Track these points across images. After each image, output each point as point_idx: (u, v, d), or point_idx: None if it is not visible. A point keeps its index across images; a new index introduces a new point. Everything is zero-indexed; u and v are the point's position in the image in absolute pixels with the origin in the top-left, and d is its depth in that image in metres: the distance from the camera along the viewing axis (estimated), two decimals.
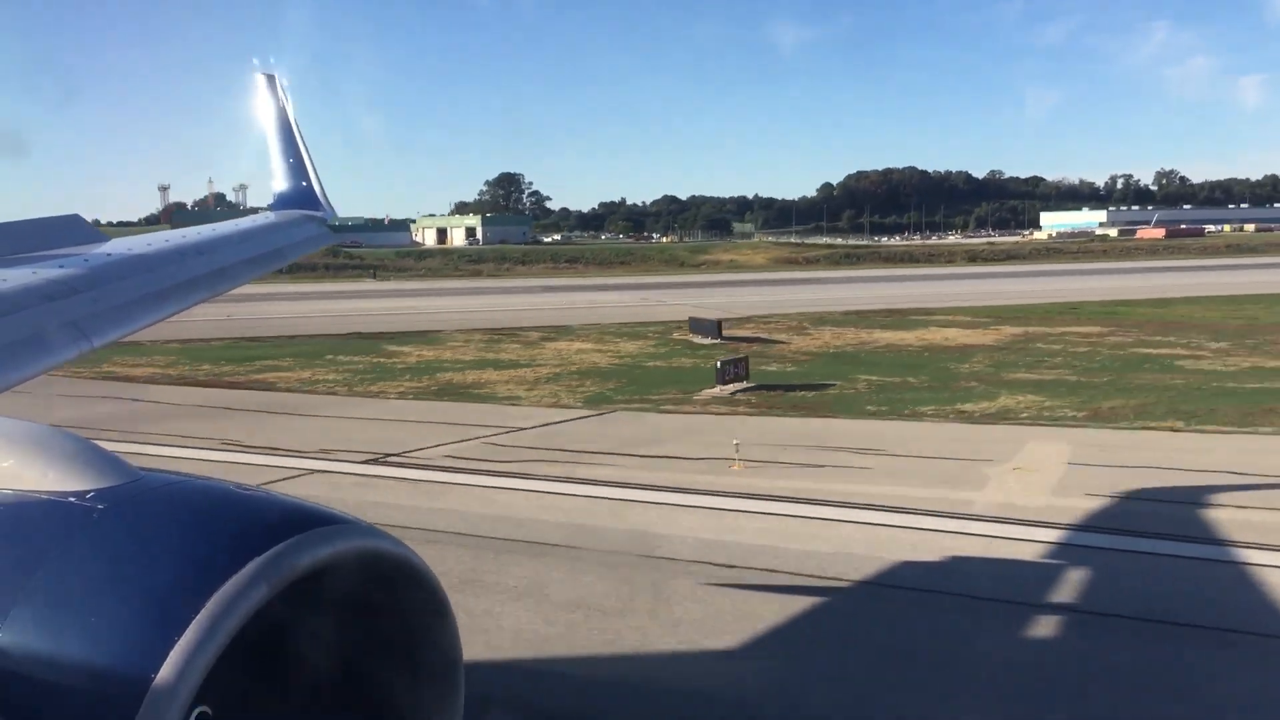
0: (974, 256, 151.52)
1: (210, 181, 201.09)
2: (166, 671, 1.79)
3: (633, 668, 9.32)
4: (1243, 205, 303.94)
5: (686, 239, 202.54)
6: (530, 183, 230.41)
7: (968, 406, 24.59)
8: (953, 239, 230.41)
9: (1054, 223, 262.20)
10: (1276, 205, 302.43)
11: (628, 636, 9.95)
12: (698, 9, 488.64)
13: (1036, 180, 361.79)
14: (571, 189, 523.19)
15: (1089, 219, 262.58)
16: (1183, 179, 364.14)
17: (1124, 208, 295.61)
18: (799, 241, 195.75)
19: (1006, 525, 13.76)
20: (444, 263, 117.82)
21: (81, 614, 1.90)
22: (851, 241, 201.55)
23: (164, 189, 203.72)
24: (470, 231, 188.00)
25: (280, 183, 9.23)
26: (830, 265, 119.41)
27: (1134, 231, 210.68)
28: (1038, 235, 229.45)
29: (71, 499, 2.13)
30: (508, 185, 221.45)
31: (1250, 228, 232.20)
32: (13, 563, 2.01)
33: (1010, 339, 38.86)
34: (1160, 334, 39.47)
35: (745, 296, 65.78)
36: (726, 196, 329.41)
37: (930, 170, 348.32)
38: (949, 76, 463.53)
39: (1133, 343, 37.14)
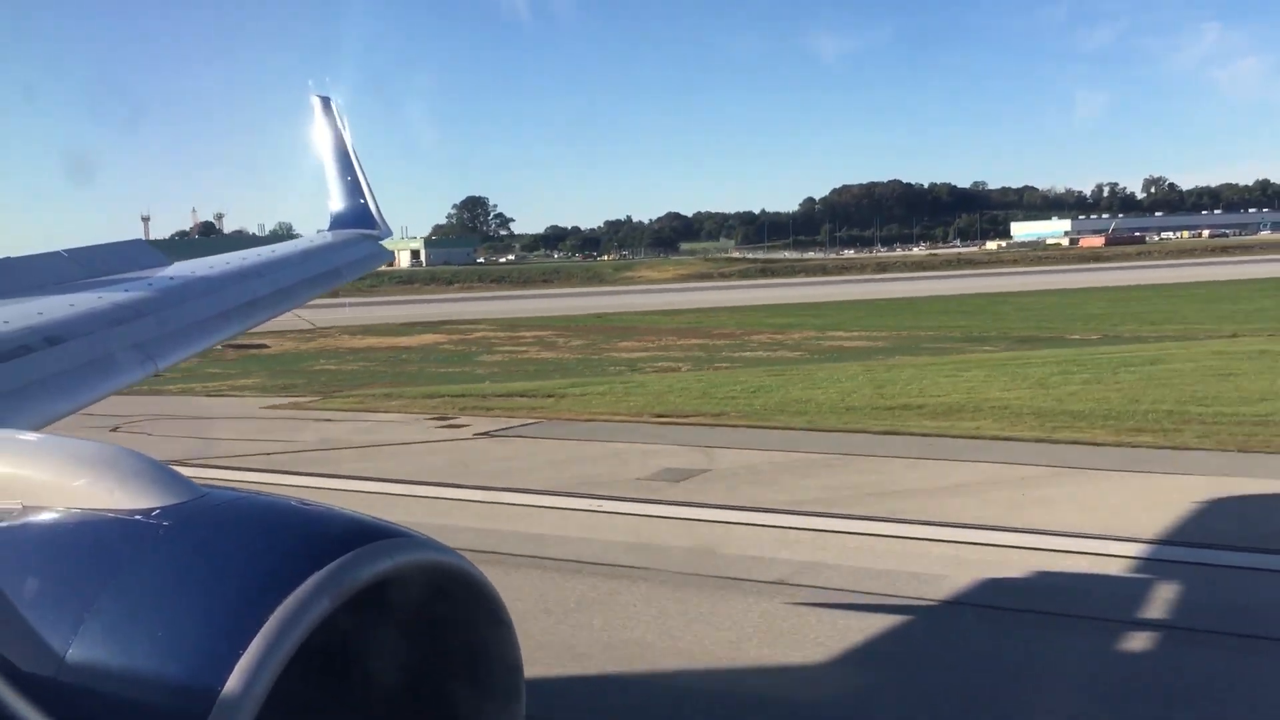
0: (883, 266, 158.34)
1: (194, 211, 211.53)
2: (232, 684, 1.84)
3: None
4: (1216, 211, 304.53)
5: (628, 256, 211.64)
6: (495, 205, 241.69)
7: (196, 385, 32.80)
8: (917, 251, 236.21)
9: (1024, 232, 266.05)
10: (1252, 210, 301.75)
11: None
12: (714, 21, 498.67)
13: (1026, 190, 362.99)
14: (578, 206, 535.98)
15: (1055, 228, 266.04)
16: (1171, 185, 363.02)
17: (1100, 216, 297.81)
18: (737, 256, 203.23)
19: None
20: (366, 284, 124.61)
21: (149, 629, 1.96)
22: (784, 256, 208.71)
23: (145, 219, 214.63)
24: (415, 254, 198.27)
25: (336, 203, 9.33)
26: (740, 278, 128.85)
27: (1083, 239, 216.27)
28: (989, 245, 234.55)
29: (139, 516, 2.19)
30: (474, 208, 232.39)
31: (1206, 233, 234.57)
32: (84, 579, 2.08)
33: (448, 342, 47.28)
34: (579, 338, 47.32)
35: (438, 308, 75.40)
36: (731, 211, 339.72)
37: (913, 182, 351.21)
38: (956, 89, 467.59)
39: (529, 344, 45.07)
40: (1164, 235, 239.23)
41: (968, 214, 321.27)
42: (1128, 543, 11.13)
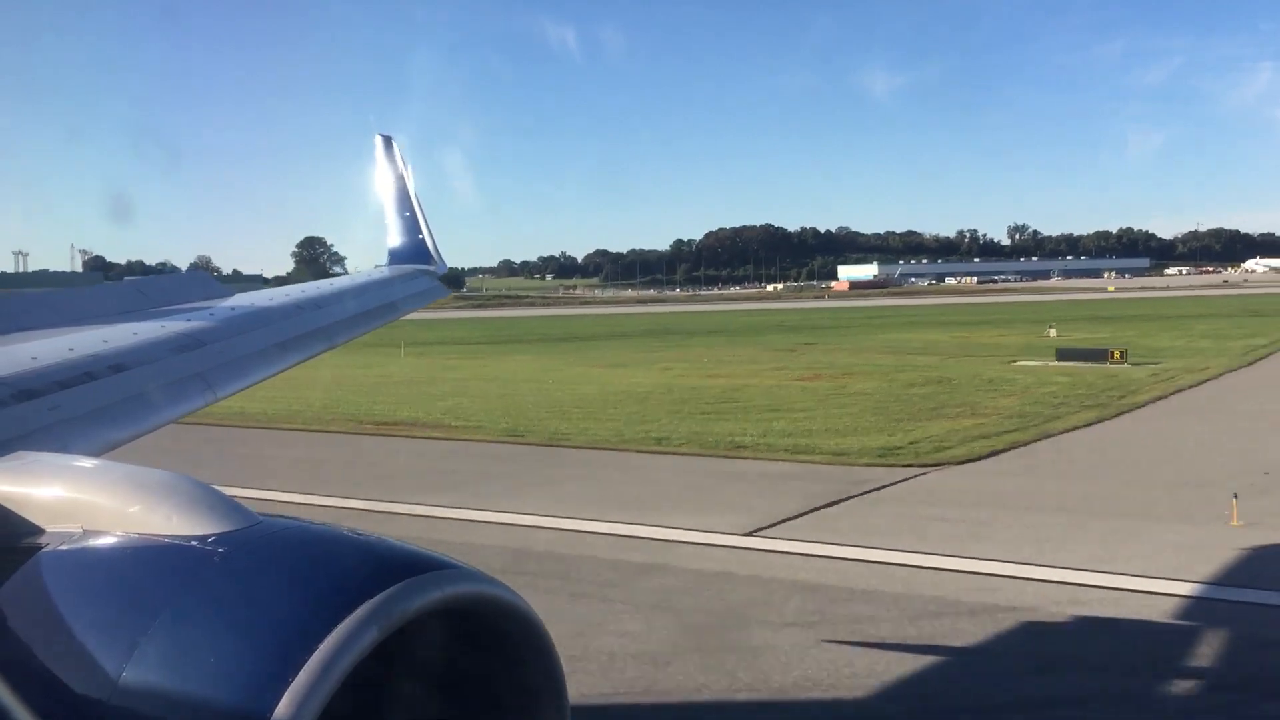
0: (642, 300, 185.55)
1: (72, 246, 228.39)
2: (281, 712, 1.85)
3: None
4: (1033, 259, 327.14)
5: None
6: (332, 244, 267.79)
7: None
8: (734, 289, 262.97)
9: (848, 275, 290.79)
10: (1069, 258, 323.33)
11: None
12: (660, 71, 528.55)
13: (902, 234, 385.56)
14: (520, 240, 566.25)
15: (868, 272, 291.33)
16: (1035, 233, 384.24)
17: (922, 261, 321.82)
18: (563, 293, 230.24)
19: None
20: None
21: (202, 654, 1.98)
22: (595, 293, 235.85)
23: (21, 254, 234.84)
24: None
25: (394, 238, 9.44)
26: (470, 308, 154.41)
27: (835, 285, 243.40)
28: (769, 287, 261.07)
29: (195, 543, 2.22)
30: (313, 247, 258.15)
31: (974, 280, 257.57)
32: (140, 603, 2.11)
33: None
34: None
35: None
36: (662, 249, 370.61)
37: (781, 226, 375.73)
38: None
39: None
40: (948, 280, 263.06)
41: (824, 256, 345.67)
42: None
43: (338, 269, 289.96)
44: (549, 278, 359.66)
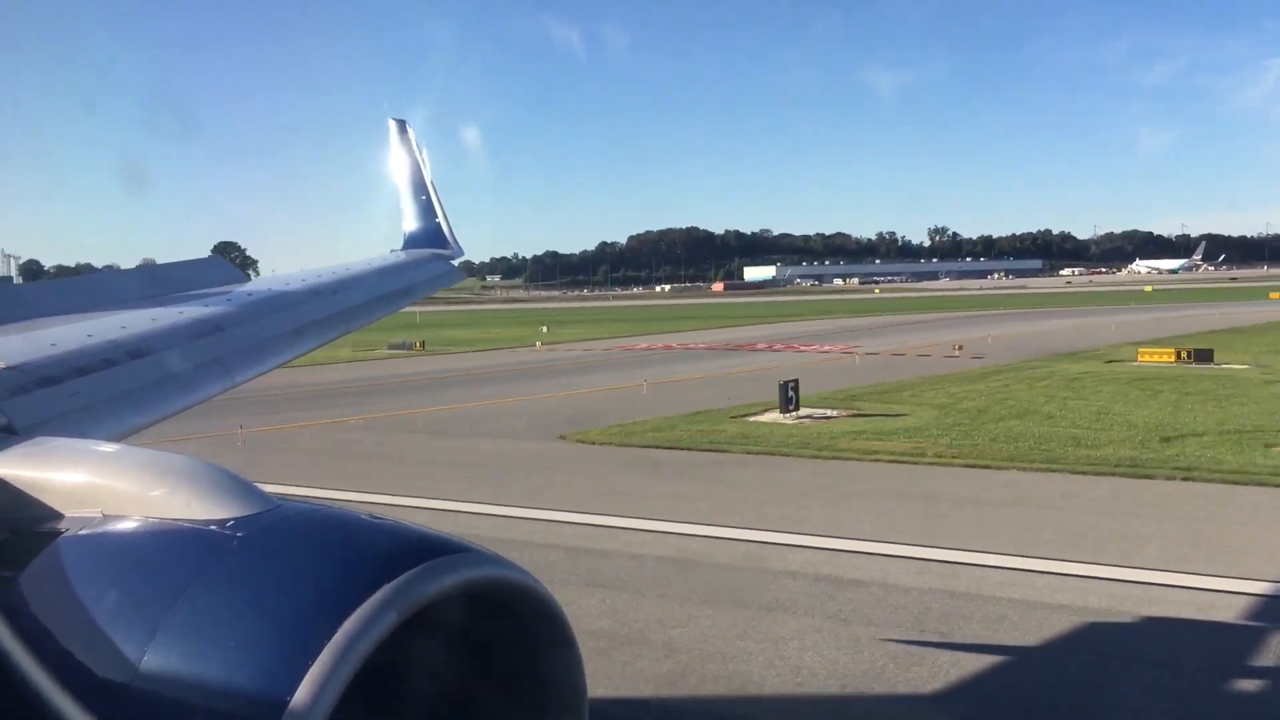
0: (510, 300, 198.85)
1: (2, 250, 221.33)
2: (301, 695, 1.85)
3: None
4: (934, 260, 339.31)
5: None
6: (245, 248, 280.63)
7: None
8: (635, 290, 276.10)
9: (753, 275, 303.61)
10: (969, 260, 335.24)
11: None
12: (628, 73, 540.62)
13: (829, 236, 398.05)
14: (482, 243, 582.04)
15: (768, 273, 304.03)
16: (954, 235, 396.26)
17: (825, 263, 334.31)
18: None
19: None
20: None
21: (221, 638, 1.99)
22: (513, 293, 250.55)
23: None
24: None
25: (410, 223, 9.48)
26: None
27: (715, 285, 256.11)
28: (658, 288, 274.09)
29: (213, 527, 2.23)
30: (227, 251, 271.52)
31: (856, 281, 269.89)
32: (160, 588, 2.12)
33: None
34: None
35: None
36: (588, 249, 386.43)
37: (705, 229, 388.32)
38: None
39: None
40: (835, 281, 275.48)
41: (742, 258, 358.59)
42: None
43: (251, 272, 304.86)
44: (496, 278, 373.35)
